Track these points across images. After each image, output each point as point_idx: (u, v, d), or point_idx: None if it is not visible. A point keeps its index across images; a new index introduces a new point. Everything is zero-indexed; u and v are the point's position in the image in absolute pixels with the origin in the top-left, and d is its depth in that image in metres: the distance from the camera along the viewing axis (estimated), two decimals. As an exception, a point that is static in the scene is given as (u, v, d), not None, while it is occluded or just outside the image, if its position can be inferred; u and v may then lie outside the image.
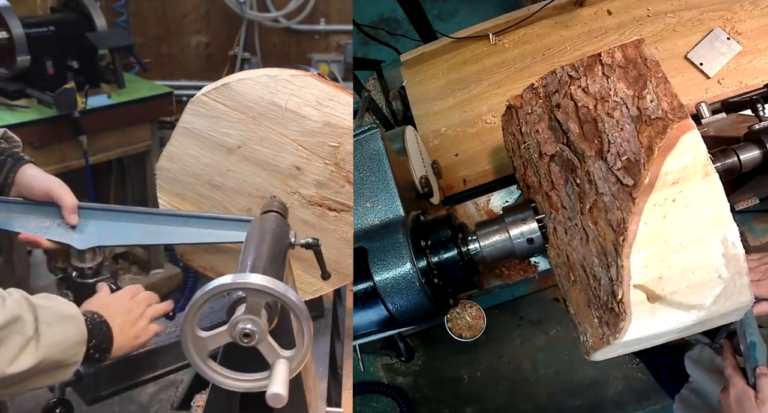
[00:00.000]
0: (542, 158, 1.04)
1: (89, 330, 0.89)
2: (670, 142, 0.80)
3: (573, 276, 0.95)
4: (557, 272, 1.02)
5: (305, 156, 1.08)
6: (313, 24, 3.17)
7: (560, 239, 0.99)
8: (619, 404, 2.14)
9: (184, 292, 2.75)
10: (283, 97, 1.06)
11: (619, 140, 0.85)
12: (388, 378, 2.37)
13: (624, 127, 0.85)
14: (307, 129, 1.07)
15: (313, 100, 1.06)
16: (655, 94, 0.85)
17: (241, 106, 1.07)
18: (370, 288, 1.00)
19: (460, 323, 1.86)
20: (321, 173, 1.09)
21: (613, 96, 0.89)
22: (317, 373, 1.09)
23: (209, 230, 1.06)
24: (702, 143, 0.80)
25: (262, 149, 1.08)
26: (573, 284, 0.96)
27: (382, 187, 1.11)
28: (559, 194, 0.99)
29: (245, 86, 1.06)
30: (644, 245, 0.79)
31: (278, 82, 1.06)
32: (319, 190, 1.10)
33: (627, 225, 0.80)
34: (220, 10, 3.06)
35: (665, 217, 0.79)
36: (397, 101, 1.93)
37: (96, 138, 2.28)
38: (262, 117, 1.07)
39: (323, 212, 1.11)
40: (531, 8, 1.67)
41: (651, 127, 0.82)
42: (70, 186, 1.07)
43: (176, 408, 1.25)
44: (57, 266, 2.57)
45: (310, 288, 1.16)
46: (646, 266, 0.79)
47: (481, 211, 1.38)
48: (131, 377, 1.08)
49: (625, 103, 0.87)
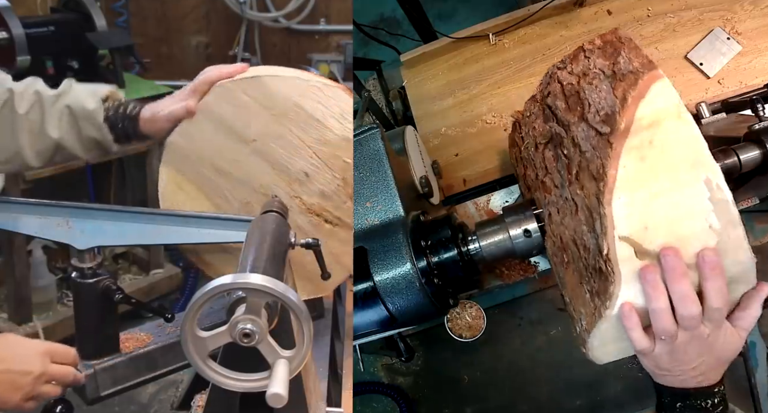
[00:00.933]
0: (537, 149, 1.05)
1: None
2: (641, 91, 0.81)
3: (566, 257, 0.95)
4: (554, 261, 1.02)
5: (317, 164, 1.08)
6: (313, 24, 3.17)
7: (554, 223, 0.98)
8: (619, 404, 2.14)
9: (184, 292, 2.75)
10: (311, 103, 1.06)
11: (597, 100, 0.87)
12: (388, 378, 2.36)
13: (601, 88, 0.88)
14: (325, 139, 1.07)
15: (338, 112, 1.07)
16: (627, 57, 0.88)
17: (267, 101, 1.07)
18: (370, 288, 1.00)
19: (460, 323, 1.86)
20: (328, 185, 1.09)
21: (593, 69, 0.92)
22: (317, 373, 1.09)
23: (209, 230, 1.06)
24: (672, 89, 0.82)
25: (276, 147, 1.08)
26: (567, 267, 0.95)
27: (382, 187, 1.11)
28: (552, 175, 1.00)
29: (275, 83, 1.07)
30: (625, 189, 0.79)
31: (309, 87, 1.06)
32: (322, 200, 1.10)
33: (606, 170, 0.79)
34: (220, 10, 3.06)
35: (643, 159, 0.79)
36: (397, 101, 1.93)
37: (96, 138, 2.27)
38: (284, 117, 1.07)
39: (320, 223, 1.11)
40: (531, 8, 1.67)
41: (624, 82, 0.84)
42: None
43: (176, 408, 1.26)
44: (57, 266, 2.57)
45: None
46: (629, 215, 0.78)
47: (481, 211, 1.38)
48: (131, 377, 1.09)
49: (602, 70, 0.90)
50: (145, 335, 1.17)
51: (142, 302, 1.14)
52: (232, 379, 0.75)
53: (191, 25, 3.09)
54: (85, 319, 1.08)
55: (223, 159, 1.11)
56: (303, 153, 1.08)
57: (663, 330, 0.78)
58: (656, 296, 0.77)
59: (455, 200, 1.50)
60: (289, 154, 1.08)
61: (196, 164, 1.12)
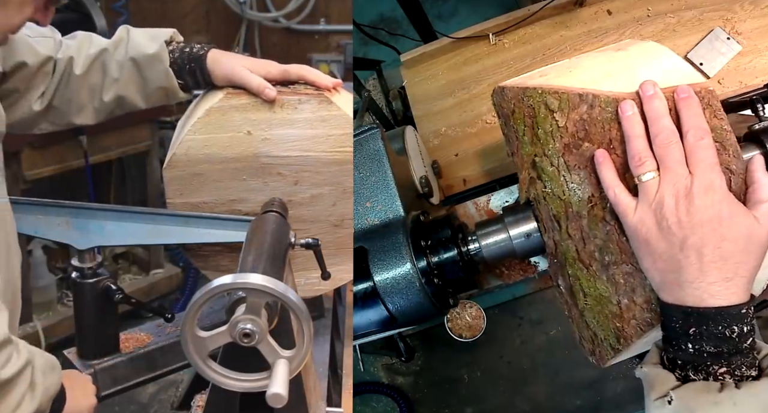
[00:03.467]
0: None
1: None
2: None
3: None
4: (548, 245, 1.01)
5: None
6: (313, 24, 3.17)
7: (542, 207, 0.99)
8: (619, 404, 2.14)
9: (184, 292, 2.75)
10: None
11: None
12: (388, 378, 2.36)
13: None
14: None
15: None
16: None
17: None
18: (370, 288, 1.00)
19: (460, 323, 1.86)
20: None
21: None
22: (317, 373, 1.09)
23: (209, 230, 1.06)
24: None
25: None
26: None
27: (382, 187, 1.11)
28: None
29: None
30: None
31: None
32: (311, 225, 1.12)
33: None
34: (220, 10, 3.06)
35: None
36: (397, 101, 1.93)
37: (96, 138, 2.28)
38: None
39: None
40: (531, 8, 1.67)
41: None
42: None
43: (176, 408, 1.26)
44: (57, 266, 2.57)
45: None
46: None
47: (481, 211, 1.38)
48: (131, 377, 1.09)
49: None
50: (145, 335, 1.17)
51: (142, 303, 1.14)
52: (232, 379, 0.75)
53: (191, 25, 3.09)
54: (85, 319, 1.08)
55: (255, 138, 1.08)
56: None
57: (639, 161, 0.71)
58: (631, 126, 0.74)
59: (455, 200, 1.50)
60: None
61: (228, 127, 1.08)
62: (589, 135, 0.83)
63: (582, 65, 0.92)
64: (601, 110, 0.81)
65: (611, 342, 0.87)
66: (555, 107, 0.87)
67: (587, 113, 0.83)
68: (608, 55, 0.92)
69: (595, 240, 0.85)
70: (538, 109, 0.90)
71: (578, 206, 0.86)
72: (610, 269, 0.83)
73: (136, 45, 1.08)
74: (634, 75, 0.83)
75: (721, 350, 0.64)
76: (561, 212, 0.90)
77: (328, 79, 1.07)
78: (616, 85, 0.82)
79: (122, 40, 1.10)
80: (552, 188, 0.90)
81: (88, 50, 1.09)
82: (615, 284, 0.83)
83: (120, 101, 1.12)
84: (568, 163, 0.86)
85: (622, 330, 0.83)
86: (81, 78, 1.09)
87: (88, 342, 1.08)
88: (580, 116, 0.83)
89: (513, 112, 0.97)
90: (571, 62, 0.96)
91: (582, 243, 0.87)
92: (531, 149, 0.94)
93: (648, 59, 0.88)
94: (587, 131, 0.83)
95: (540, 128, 0.90)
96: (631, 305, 0.81)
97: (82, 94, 1.10)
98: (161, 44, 1.08)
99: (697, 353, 0.65)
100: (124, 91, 1.10)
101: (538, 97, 0.90)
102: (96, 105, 1.12)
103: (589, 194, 0.85)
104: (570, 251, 0.91)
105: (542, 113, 0.89)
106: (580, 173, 0.85)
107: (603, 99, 0.81)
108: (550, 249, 0.98)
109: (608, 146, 0.81)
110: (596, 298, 0.88)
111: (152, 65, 1.08)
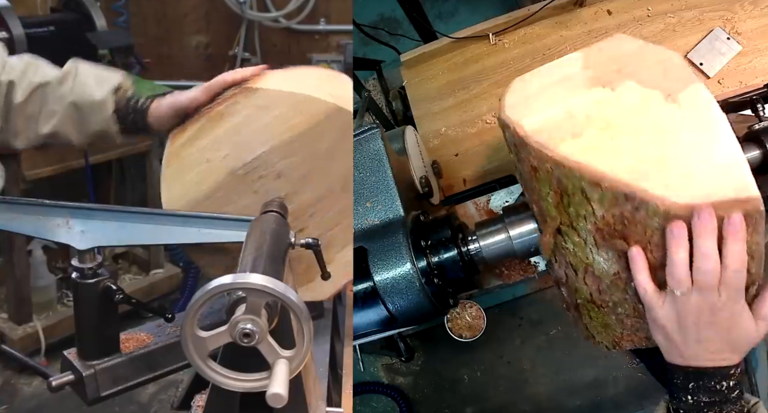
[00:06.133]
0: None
1: None
2: None
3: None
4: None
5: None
6: (313, 24, 3.16)
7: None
8: (619, 404, 2.14)
9: (184, 292, 2.75)
10: None
11: None
12: (388, 378, 2.37)
13: None
14: None
15: None
16: None
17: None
18: (370, 288, 1.00)
19: (460, 323, 1.86)
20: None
21: None
22: (317, 373, 1.09)
23: (209, 230, 1.06)
24: None
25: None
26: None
27: (382, 187, 1.11)
28: None
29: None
30: None
31: None
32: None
33: None
34: (220, 10, 3.06)
35: None
36: (397, 101, 1.93)
37: (96, 138, 2.27)
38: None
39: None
40: (531, 8, 1.67)
41: None
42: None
43: (176, 408, 1.25)
44: (57, 266, 2.57)
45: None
46: None
47: (481, 211, 1.38)
48: (131, 377, 1.08)
49: None
50: (146, 335, 1.16)
51: (142, 303, 1.14)
52: (232, 379, 0.75)
53: (191, 25, 3.08)
54: (85, 319, 1.08)
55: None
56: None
57: (677, 281, 0.76)
58: (677, 249, 0.75)
59: (455, 200, 1.50)
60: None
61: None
62: (626, 230, 0.78)
63: (625, 131, 0.79)
64: (646, 216, 0.75)
65: (606, 345, 0.97)
66: (594, 199, 0.78)
67: (630, 213, 0.76)
68: (659, 117, 0.79)
69: (612, 297, 0.87)
70: (572, 191, 0.81)
71: (601, 273, 0.86)
72: (621, 315, 0.89)
73: (82, 85, 1.08)
74: (688, 170, 0.74)
75: (714, 400, 0.79)
76: (581, 266, 0.89)
77: (247, 70, 1.08)
78: (668, 186, 0.74)
79: (69, 75, 1.10)
80: (576, 251, 0.87)
81: (33, 77, 1.09)
82: (622, 324, 0.90)
83: (55, 136, 1.11)
84: (598, 242, 0.82)
85: (619, 343, 0.94)
86: (20, 106, 1.08)
87: (88, 342, 1.07)
88: (622, 212, 0.77)
89: (535, 169, 0.86)
90: (608, 117, 0.81)
91: (597, 293, 0.90)
92: (555, 213, 0.87)
93: (705, 141, 0.76)
94: (626, 226, 0.78)
95: (572, 207, 0.83)
96: (633, 337, 0.92)
97: (19, 121, 1.10)
98: (109, 91, 1.09)
99: (695, 403, 0.81)
100: (61, 128, 1.10)
101: (575, 180, 0.79)
102: (30, 135, 1.11)
103: (615, 271, 0.83)
104: (583, 292, 0.93)
105: (577, 197, 0.80)
106: (609, 252, 0.82)
107: (652, 207, 0.74)
108: (559, 277, 0.99)
109: (645, 245, 0.78)
110: (601, 323, 0.94)
111: (95, 111, 1.08)
